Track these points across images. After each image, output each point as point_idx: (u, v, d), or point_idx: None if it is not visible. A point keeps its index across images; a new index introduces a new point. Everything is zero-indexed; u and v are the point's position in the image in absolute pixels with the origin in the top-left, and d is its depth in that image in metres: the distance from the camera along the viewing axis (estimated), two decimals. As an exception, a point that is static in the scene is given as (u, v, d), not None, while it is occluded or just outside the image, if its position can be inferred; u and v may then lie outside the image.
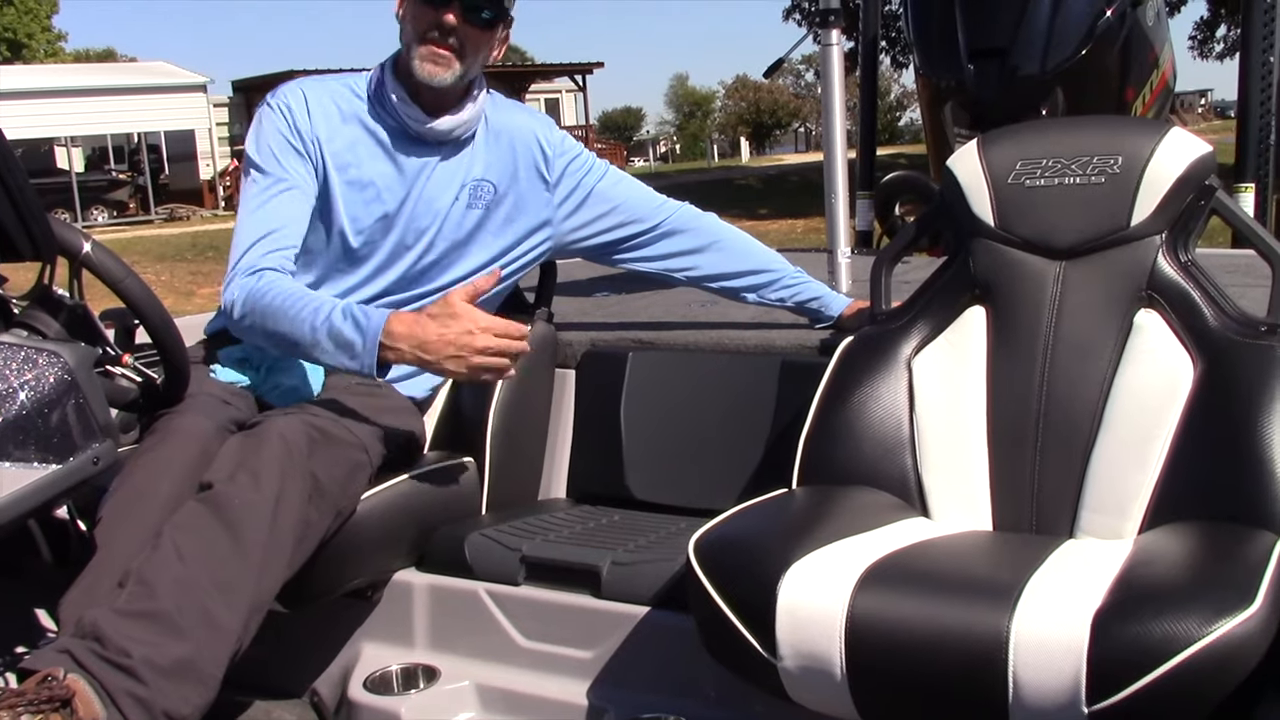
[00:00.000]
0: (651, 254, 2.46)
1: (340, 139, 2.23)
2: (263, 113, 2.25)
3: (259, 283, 2.09)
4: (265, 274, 2.11)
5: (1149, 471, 1.80)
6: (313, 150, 2.21)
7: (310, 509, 1.93)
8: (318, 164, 2.22)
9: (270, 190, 2.19)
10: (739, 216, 16.92)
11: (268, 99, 2.26)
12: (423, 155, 2.27)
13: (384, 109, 2.25)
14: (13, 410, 1.50)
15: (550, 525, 2.29)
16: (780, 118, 59.81)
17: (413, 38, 2.20)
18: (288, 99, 2.24)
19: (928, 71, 4.19)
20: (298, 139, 2.21)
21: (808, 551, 1.65)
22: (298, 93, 2.25)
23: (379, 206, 2.25)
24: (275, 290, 2.08)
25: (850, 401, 2.02)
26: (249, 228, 2.17)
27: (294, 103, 2.23)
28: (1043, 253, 1.99)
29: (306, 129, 2.21)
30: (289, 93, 2.25)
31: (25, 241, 1.63)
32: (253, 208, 2.18)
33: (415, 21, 2.19)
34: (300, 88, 2.26)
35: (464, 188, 2.30)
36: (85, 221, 25.95)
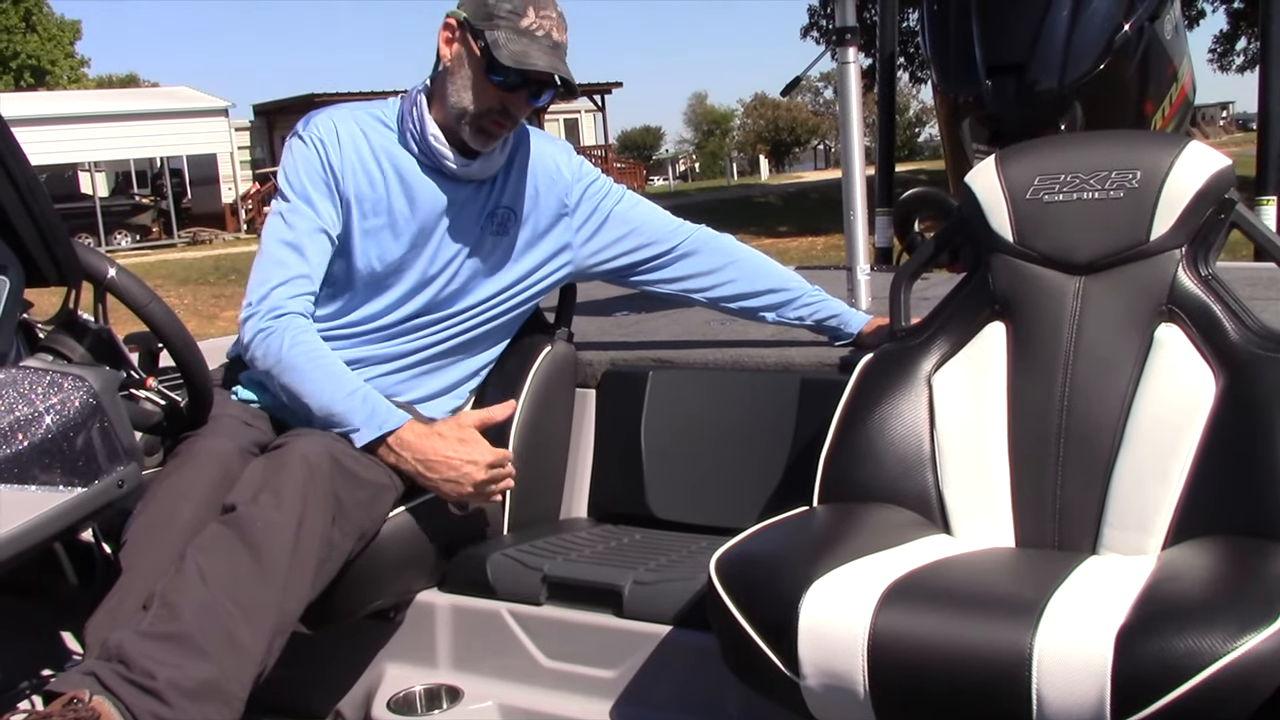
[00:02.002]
0: (670, 275, 2.46)
1: (370, 171, 2.23)
2: (295, 144, 2.24)
3: (284, 329, 2.11)
4: (291, 320, 2.12)
5: (1171, 487, 1.79)
6: (343, 185, 2.22)
7: (333, 530, 1.93)
8: (346, 199, 2.22)
9: (299, 228, 2.19)
10: (759, 234, 16.92)
11: (300, 130, 2.25)
12: (451, 189, 2.27)
13: (415, 143, 2.24)
14: (38, 434, 1.51)
15: (572, 545, 2.29)
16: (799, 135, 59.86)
17: (469, 108, 2.17)
18: (320, 132, 2.23)
19: (945, 87, 4.18)
20: (329, 174, 2.21)
21: (829, 569, 1.64)
22: (329, 125, 2.24)
23: (406, 238, 2.25)
24: (302, 346, 2.10)
25: (870, 419, 2.02)
26: (275, 264, 2.17)
27: (326, 136, 2.22)
28: (1062, 268, 1.98)
29: (338, 163, 2.21)
30: (321, 125, 2.24)
31: (51, 267, 1.65)
32: (280, 243, 2.19)
33: (478, 96, 2.16)
34: (332, 119, 2.25)
35: (488, 216, 2.31)
36: (109, 246, 26.15)
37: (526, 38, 2.12)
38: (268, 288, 2.15)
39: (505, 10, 2.12)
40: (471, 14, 2.15)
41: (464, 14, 2.17)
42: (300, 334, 2.12)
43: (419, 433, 2.06)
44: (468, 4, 2.18)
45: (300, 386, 2.08)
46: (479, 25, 2.13)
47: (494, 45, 2.10)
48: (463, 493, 2.07)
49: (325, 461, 1.95)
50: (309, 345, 2.12)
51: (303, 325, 2.14)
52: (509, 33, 2.11)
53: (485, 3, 2.14)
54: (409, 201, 2.24)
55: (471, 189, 2.29)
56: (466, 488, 2.06)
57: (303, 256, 2.18)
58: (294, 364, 2.09)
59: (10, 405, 1.50)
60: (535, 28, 2.12)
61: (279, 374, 2.10)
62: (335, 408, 2.06)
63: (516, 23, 2.12)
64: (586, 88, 38.21)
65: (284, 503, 1.87)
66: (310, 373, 2.09)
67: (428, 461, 2.05)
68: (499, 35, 2.11)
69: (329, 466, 1.95)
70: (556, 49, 2.15)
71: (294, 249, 2.18)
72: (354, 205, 2.22)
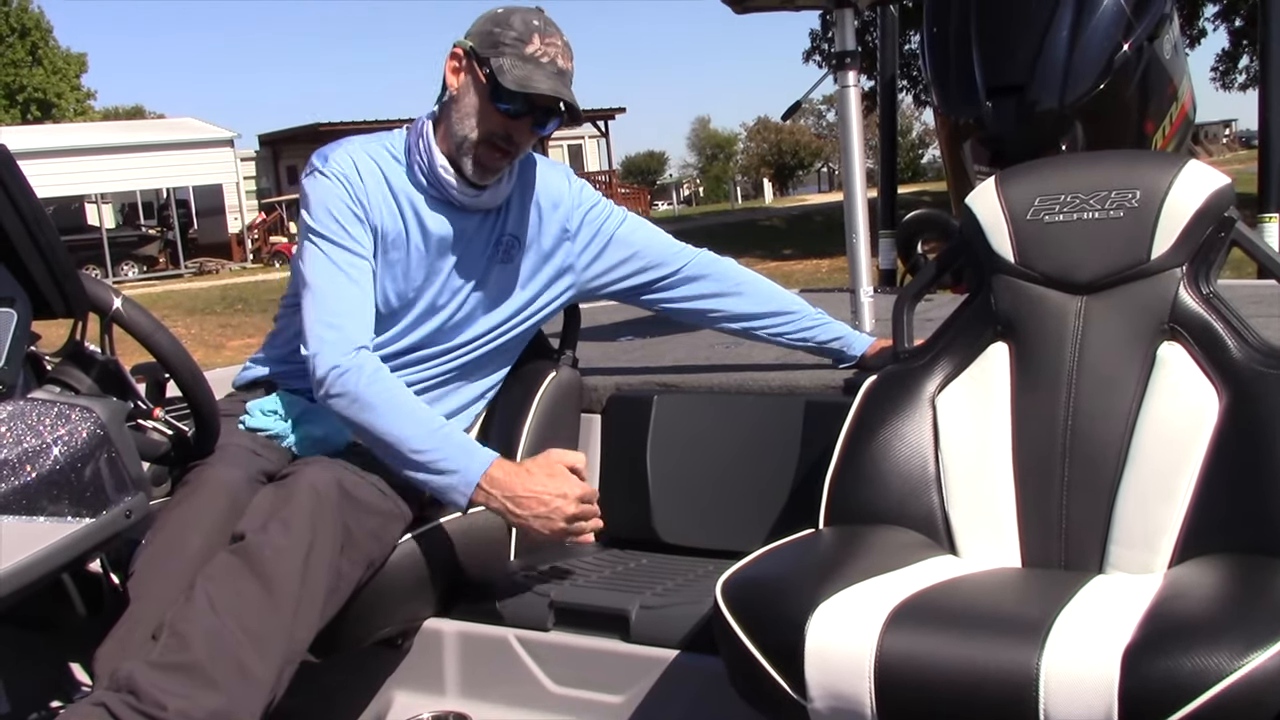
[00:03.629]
0: (674, 296, 2.47)
1: (389, 204, 2.23)
2: (317, 180, 2.20)
3: (360, 367, 2.07)
4: (364, 356, 2.09)
5: (1177, 505, 1.79)
6: (371, 217, 2.20)
7: (342, 560, 1.94)
8: (374, 231, 2.21)
9: (343, 261, 2.16)
10: (764, 258, 16.94)
11: (319, 166, 2.22)
12: (459, 219, 2.27)
13: (424, 175, 2.24)
14: (46, 465, 1.52)
15: (578, 570, 2.30)
16: (803, 158, 60.00)
17: (471, 134, 2.17)
18: (341, 166, 2.20)
19: (946, 109, 4.21)
20: (359, 207, 2.19)
21: (835, 591, 1.64)
22: (348, 159, 2.22)
23: (420, 271, 2.25)
24: (380, 384, 2.07)
25: (875, 440, 2.02)
26: (330, 299, 2.13)
27: (348, 170, 2.20)
28: (1064, 288, 1.99)
29: (364, 198, 2.20)
30: (340, 159, 2.21)
31: (58, 300, 1.66)
32: (328, 278, 2.15)
33: (483, 122, 2.16)
34: (348, 153, 2.23)
35: (494, 245, 2.32)
36: (116, 277, 26.27)
37: (531, 64, 2.13)
38: (331, 323, 2.11)
39: (511, 38, 2.13)
40: (478, 43, 2.17)
41: (470, 43, 2.18)
42: (377, 372, 2.09)
43: (507, 470, 2.05)
44: (474, 34, 2.19)
45: (384, 426, 2.05)
46: (485, 53, 2.14)
47: (499, 71, 2.11)
48: (554, 528, 2.05)
49: (334, 490, 1.95)
50: (387, 384, 2.09)
51: (376, 363, 2.12)
52: (514, 59, 2.12)
53: (491, 31, 2.16)
54: (423, 234, 2.25)
55: (479, 218, 2.30)
56: (558, 523, 2.04)
57: (356, 287, 2.16)
58: (374, 402, 2.06)
59: (19, 437, 1.51)
60: (540, 54, 2.14)
61: (358, 412, 2.06)
62: (425, 449, 2.04)
63: (521, 49, 2.13)
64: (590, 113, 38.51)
65: (293, 532, 1.88)
66: (393, 412, 2.06)
67: (516, 498, 2.03)
68: (504, 62, 2.12)
69: (337, 495, 1.95)
70: (561, 75, 2.16)
71: (345, 282, 2.15)
72: (379, 239, 2.22)
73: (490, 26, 2.16)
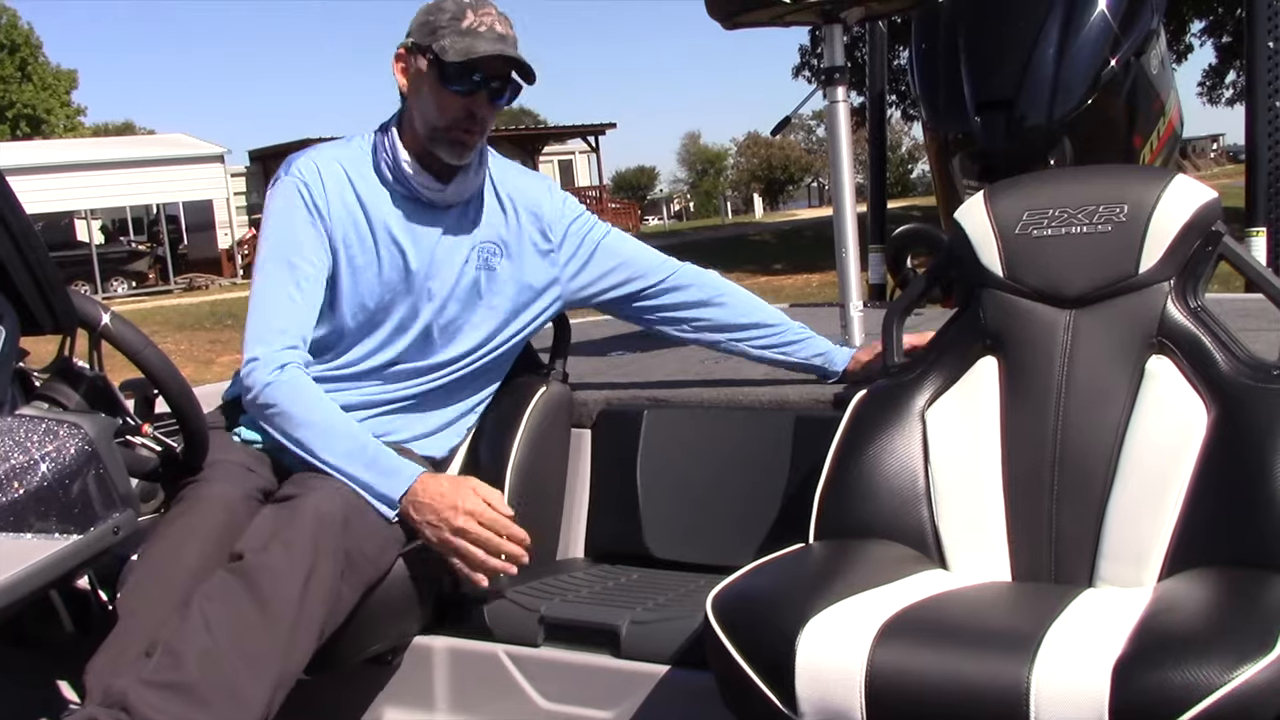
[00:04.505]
0: (658, 305, 2.47)
1: (353, 208, 2.25)
2: (278, 188, 2.25)
3: (287, 383, 2.11)
4: (293, 373, 2.12)
5: (1166, 518, 1.80)
6: (329, 225, 2.23)
7: (343, 584, 1.94)
8: (333, 239, 2.23)
9: (293, 273, 2.19)
10: (754, 272, 16.96)
11: (281, 174, 2.26)
12: (433, 220, 2.29)
13: (394, 176, 2.26)
14: (34, 482, 1.51)
15: (569, 585, 2.29)
16: (793, 173, 60.14)
17: (436, 121, 2.20)
18: (302, 174, 2.24)
19: (935, 124, 4.23)
20: (315, 217, 2.22)
21: (826, 606, 1.65)
22: (311, 166, 2.25)
23: (392, 273, 2.26)
24: (312, 401, 2.11)
25: (865, 455, 2.02)
26: (272, 311, 2.18)
27: (309, 178, 2.23)
28: (1052, 302, 2.00)
29: (323, 204, 2.22)
30: (302, 167, 2.25)
31: (46, 315, 1.66)
32: (272, 291, 2.19)
33: (441, 109, 2.19)
34: (312, 160, 2.27)
35: (473, 250, 2.32)
36: (105, 293, 26.21)
37: (470, 35, 2.16)
38: (265, 337, 2.15)
39: (446, 20, 2.18)
40: (417, 36, 2.22)
41: (410, 39, 2.23)
42: (303, 388, 2.12)
43: (425, 482, 2.07)
44: (413, 29, 2.24)
45: (310, 444, 2.08)
46: (425, 42, 2.19)
47: (442, 52, 2.16)
48: (440, 537, 2.04)
49: (338, 515, 1.95)
50: (315, 399, 2.12)
51: (305, 379, 2.14)
52: (453, 37, 2.16)
53: (426, 21, 2.21)
54: (391, 234, 2.26)
55: (454, 220, 2.31)
56: (444, 532, 2.04)
57: (295, 303, 2.19)
58: (301, 419, 2.09)
59: (6, 453, 1.50)
60: (477, 25, 2.17)
61: (288, 429, 2.10)
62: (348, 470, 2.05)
63: (459, 25, 2.17)
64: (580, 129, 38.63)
65: (294, 554, 1.88)
66: (318, 431, 2.09)
67: (417, 503, 2.05)
68: (445, 42, 2.16)
69: (341, 520, 1.95)
70: (503, 39, 2.19)
71: (287, 296, 2.19)
72: (341, 244, 2.23)
73: (425, 17, 2.22)
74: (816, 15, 2.97)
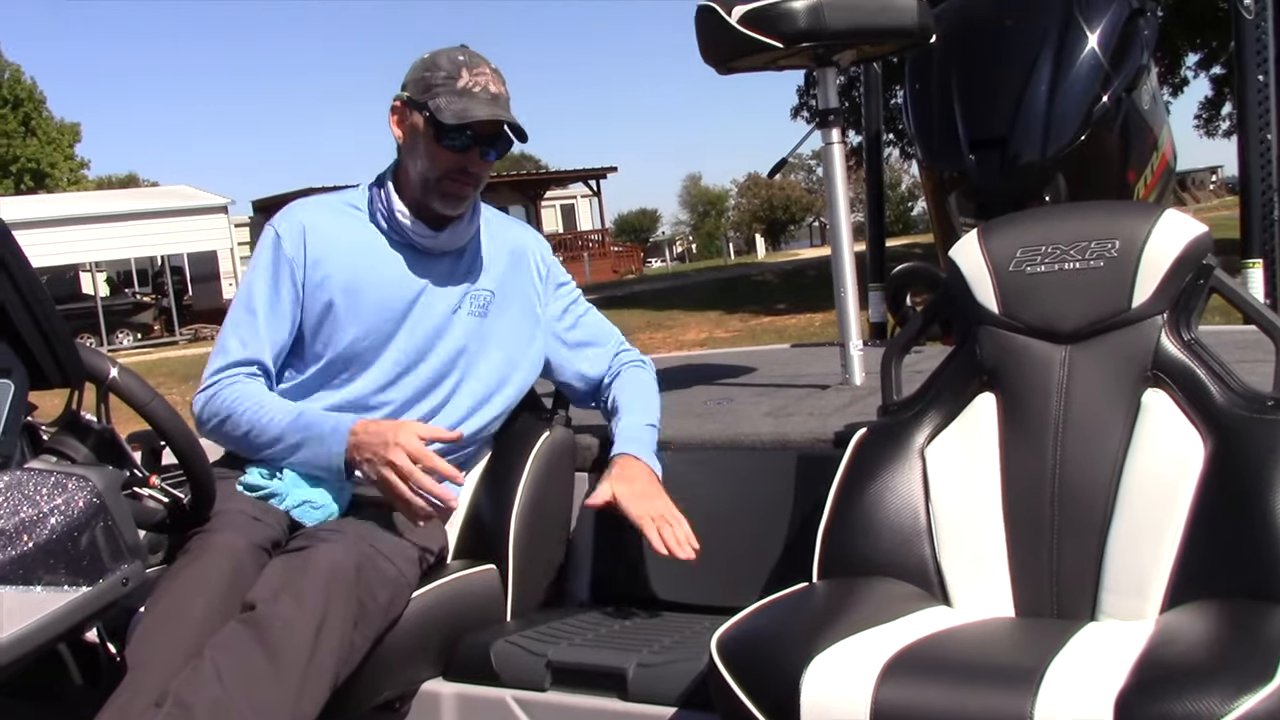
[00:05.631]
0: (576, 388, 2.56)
1: (343, 256, 2.29)
2: (264, 236, 2.33)
3: (223, 386, 2.23)
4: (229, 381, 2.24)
5: (1166, 551, 1.81)
6: (310, 274, 2.28)
7: (355, 634, 1.95)
8: (314, 288, 2.28)
9: (250, 319, 2.27)
10: (758, 312, 16.97)
11: (271, 222, 2.33)
12: (426, 267, 2.33)
13: (388, 224, 2.31)
14: (43, 535, 1.53)
15: (575, 629, 2.30)
16: (794, 213, 60.34)
17: (429, 174, 2.25)
18: (287, 224, 2.31)
19: (930, 163, 4.26)
20: (286, 267, 2.28)
21: (830, 644, 1.65)
22: (295, 218, 2.32)
23: (384, 319, 2.29)
24: (237, 392, 2.22)
25: (866, 493, 2.04)
26: (223, 352, 2.28)
27: (291, 229, 2.30)
28: (1047, 337, 2.02)
29: (297, 255, 2.28)
30: (286, 219, 2.32)
31: (54, 370, 1.68)
32: (228, 333, 2.29)
33: (434, 162, 2.24)
34: (302, 208, 2.34)
35: (466, 296, 2.36)
36: (110, 345, 26.26)
37: (466, 96, 2.21)
38: (213, 371, 2.26)
39: (441, 78, 2.22)
40: (413, 91, 2.26)
41: (406, 93, 2.28)
42: (228, 394, 2.23)
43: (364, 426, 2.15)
44: (408, 83, 2.28)
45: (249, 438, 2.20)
46: (420, 99, 2.24)
47: (436, 111, 2.20)
48: (378, 472, 2.09)
49: (350, 565, 1.97)
50: (239, 390, 2.23)
51: (230, 388, 2.24)
52: (448, 96, 2.21)
53: (422, 77, 2.25)
54: (383, 280, 2.30)
55: (447, 268, 2.35)
56: (379, 466, 2.09)
57: (248, 345, 2.27)
58: (231, 409, 2.21)
59: (15, 507, 1.52)
60: (472, 85, 2.22)
61: (229, 433, 2.22)
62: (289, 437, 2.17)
63: (454, 86, 2.21)
64: (582, 173, 38.82)
65: (305, 604, 1.89)
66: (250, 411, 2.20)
67: (359, 444, 2.12)
68: (439, 101, 2.20)
69: (354, 572, 1.97)
70: (496, 99, 2.24)
71: (238, 340, 2.27)
72: (327, 291, 2.27)
73: (421, 73, 2.25)
74: (809, 59, 3.02)
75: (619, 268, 36.68)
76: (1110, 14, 3.95)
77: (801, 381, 3.19)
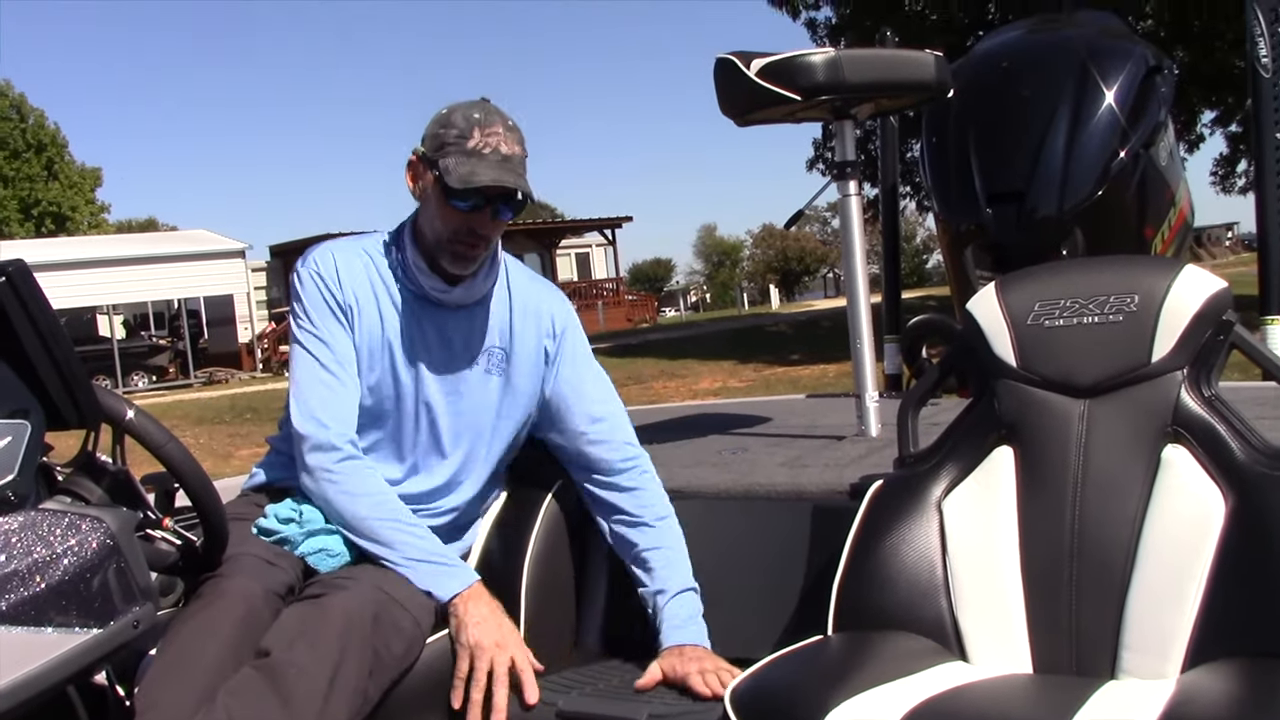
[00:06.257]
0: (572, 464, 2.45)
1: (366, 301, 2.28)
2: (299, 279, 2.29)
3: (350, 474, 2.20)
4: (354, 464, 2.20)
5: (1187, 609, 1.79)
6: (350, 315, 2.26)
7: (370, 684, 1.94)
8: (353, 326, 2.27)
9: (327, 359, 2.24)
10: (772, 363, 16.98)
11: (299, 266, 2.30)
12: (440, 320, 2.31)
13: (405, 274, 2.29)
14: (55, 576, 1.52)
15: (586, 678, 2.27)
16: (808, 264, 60.51)
17: (440, 234, 2.23)
18: (319, 266, 2.28)
19: (947, 216, 4.27)
20: (335, 303, 2.26)
21: (845, 698, 1.64)
22: (328, 256, 2.30)
23: (397, 368, 2.28)
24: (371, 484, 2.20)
25: (882, 545, 2.02)
26: (318, 391, 2.22)
27: (325, 268, 2.28)
28: (1066, 391, 2.01)
29: (338, 293, 2.26)
30: (320, 259, 2.29)
31: (71, 411, 1.68)
32: (315, 373, 2.24)
33: (444, 221, 2.22)
34: (330, 252, 2.31)
35: (479, 352, 2.34)
36: (126, 387, 26.37)
37: (474, 158, 2.17)
38: (317, 417, 2.20)
39: (453, 136, 2.19)
40: (427, 147, 2.24)
41: (422, 148, 2.26)
42: (363, 470, 2.21)
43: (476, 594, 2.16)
44: (425, 138, 2.26)
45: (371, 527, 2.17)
46: (433, 156, 2.21)
47: (445, 172, 2.17)
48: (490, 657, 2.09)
49: (367, 614, 1.96)
50: (374, 483, 2.22)
51: (362, 461, 2.22)
52: (458, 157, 2.18)
53: (436, 134, 2.22)
54: (400, 331, 2.28)
55: (463, 323, 2.33)
56: (490, 653, 2.09)
57: (337, 382, 2.23)
58: (361, 501, 2.18)
59: (29, 547, 1.52)
60: (482, 146, 2.18)
61: (346, 506, 2.18)
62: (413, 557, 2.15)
63: (464, 145, 2.18)
64: (597, 223, 39.00)
65: (320, 652, 1.88)
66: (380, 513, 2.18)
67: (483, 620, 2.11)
68: (449, 161, 2.18)
69: (370, 621, 1.96)
70: (506, 162, 2.19)
71: (331, 375, 2.23)
72: (357, 335, 2.27)
73: (436, 129, 2.23)
74: (827, 112, 3.03)
75: (633, 316, 36.77)
76: (1127, 71, 3.97)
77: (817, 432, 3.18)
